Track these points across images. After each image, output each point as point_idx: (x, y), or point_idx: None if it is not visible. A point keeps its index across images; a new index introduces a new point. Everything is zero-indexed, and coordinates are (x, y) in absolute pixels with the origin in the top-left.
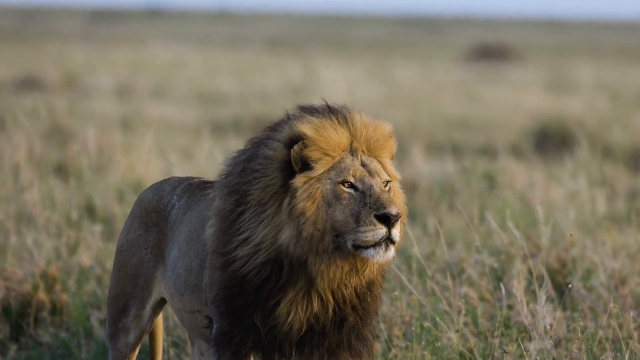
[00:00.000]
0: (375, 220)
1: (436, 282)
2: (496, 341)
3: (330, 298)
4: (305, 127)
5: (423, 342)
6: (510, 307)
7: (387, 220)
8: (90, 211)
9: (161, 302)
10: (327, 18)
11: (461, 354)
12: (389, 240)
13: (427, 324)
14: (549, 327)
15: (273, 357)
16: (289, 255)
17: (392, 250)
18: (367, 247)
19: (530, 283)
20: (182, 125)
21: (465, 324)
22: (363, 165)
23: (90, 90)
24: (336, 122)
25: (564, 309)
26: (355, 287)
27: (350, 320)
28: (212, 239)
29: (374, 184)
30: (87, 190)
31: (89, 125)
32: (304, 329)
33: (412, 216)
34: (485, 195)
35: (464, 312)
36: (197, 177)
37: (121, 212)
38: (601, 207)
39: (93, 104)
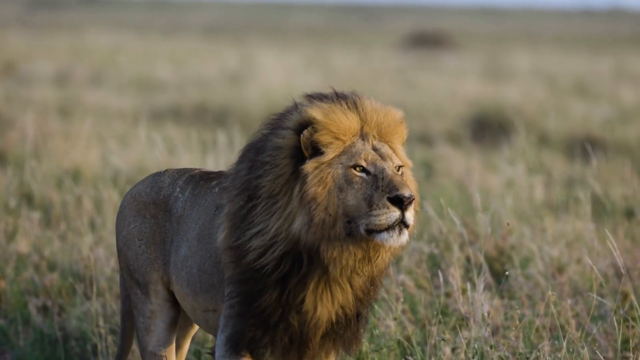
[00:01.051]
0: (388, 203)
1: None
2: (434, 329)
3: (349, 287)
4: (315, 112)
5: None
6: (447, 295)
7: (401, 202)
8: (28, 198)
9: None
10: (265, 5)
11: (399, 342)
12: (402, 223)
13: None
14: (486, 315)
15: (291, 356)
16: (301, 244)
17: (405, 234)
18: (381, 231)
19: (468, 271)
20: (120, 112)
21: (403, 311)
22: (374, 149)
23: (29, 78)
24: (346, 107)
25: (502, 296)
26: (368, 277)
27: (362, 311)
28: (223, 239)
29: (386, 167)
30: (25, 177)
31: (28, 112)
32: (333, 320)
33: None
34: (423, 182)
35: (402, 299)
36: (195, 168)
37: (59, 200)
38: (538, 195)
39: (31, 91)
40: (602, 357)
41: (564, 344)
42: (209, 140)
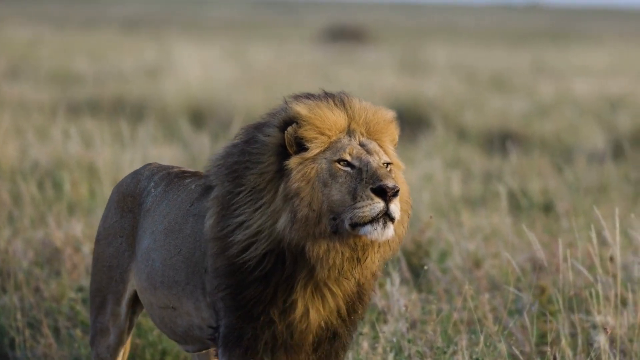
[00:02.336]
0: (371, 194)
1: None
2: None
3: (339, 290)
4: (299, 107)
5: None
6: None
7: (384, 193)
8: None
9: (138, 299)
10: None
11: None
12: (387, 215)
13: None
14: (403, 309)
15: None
16: (285, 243)
17: (390, 228)
18: (365, 224)
19: (385, 265)
20: (38, 106)
21: None
22: (361, 145)
23: None
24: (332, 104)
25: (419, 290)
26: (358, 281)
27: (340, 331)
28: (211, 227)
29: (371, 160)
30: None
31: None
32: (323, 327)
33: None
34: None
35: None
36: (177, 167)
37: None
38: (456, 189)
39: None
40: (518, 352)
41: (481, 338)
42: (127, 134)
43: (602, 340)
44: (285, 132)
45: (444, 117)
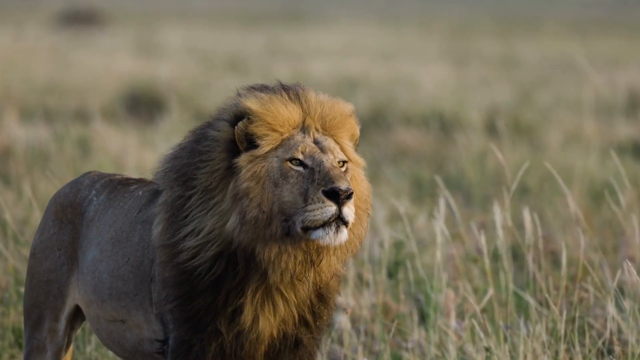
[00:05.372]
0: (323, 197)
1: None
2: None
3: (293, 297)
4: (250, 102)
5: None
6: None
7: (337, 196)
8: None
9: (78, 314)
10: None
11: None
12: (339, 219)
13: None
14: None
15: None
16: (234, 245)
17: (344, 232)
18: (316, 228)
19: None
20: None
21: None
22: (316, 142)
23: None
24: (287, 98)
25: None
26: (314, 285)
27: (304, 339)
28: (160, 234)
29: (324, 160)
30: None
31: None
32: (275, 336)
33: (7, 182)
34: (79, 160)
35: None
36: (119, 174)
37: None
38: None
39: None
40: None
41: None
42: None
43: (343, 320)
44: (236, 127)
45: (180, 99)
